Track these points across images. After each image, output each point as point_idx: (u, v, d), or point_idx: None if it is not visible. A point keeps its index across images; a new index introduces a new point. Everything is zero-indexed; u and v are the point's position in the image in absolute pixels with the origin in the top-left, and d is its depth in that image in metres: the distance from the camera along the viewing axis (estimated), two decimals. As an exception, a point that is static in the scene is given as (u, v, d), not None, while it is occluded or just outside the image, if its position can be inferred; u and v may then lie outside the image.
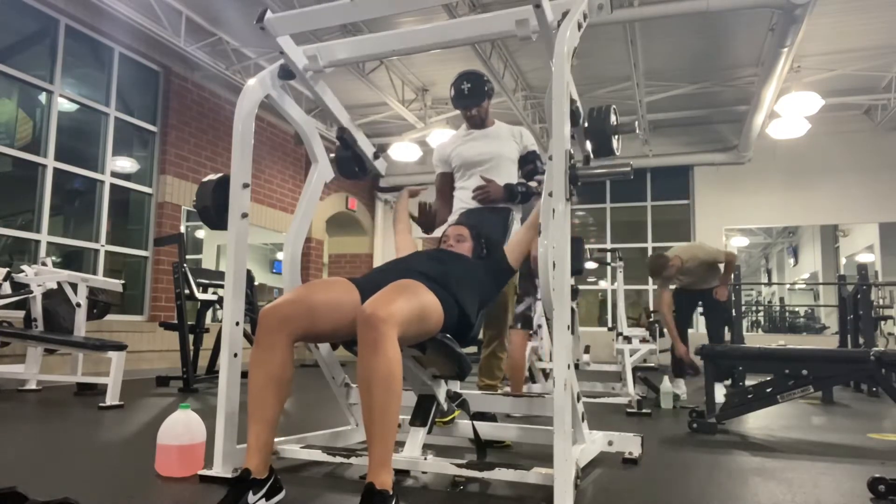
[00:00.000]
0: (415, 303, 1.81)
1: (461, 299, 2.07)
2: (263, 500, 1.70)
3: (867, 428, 3.48)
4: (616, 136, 2.13)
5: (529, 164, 3.04)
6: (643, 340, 5.23)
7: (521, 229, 2.46)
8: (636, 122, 2.27)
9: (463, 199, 3.04)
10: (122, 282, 5.32)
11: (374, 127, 10.38)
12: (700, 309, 5.18)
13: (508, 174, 3.02)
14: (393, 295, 1.76)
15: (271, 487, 1.73)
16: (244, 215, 2.17)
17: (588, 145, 2.14)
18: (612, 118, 2.07)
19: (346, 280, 2.03)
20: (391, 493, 1.57)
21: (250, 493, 1.67)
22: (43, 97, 6.34)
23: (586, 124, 2.10)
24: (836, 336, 6.72)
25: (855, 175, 9.63)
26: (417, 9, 2.36)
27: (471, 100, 2.98)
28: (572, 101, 1.85)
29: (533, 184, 2.98)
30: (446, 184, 3.15)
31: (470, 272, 2.21)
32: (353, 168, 2.56)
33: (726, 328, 5.49)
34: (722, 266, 4.93)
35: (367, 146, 2.56)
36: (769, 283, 15.85)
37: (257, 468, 1.72)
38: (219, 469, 2.00)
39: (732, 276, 5.25)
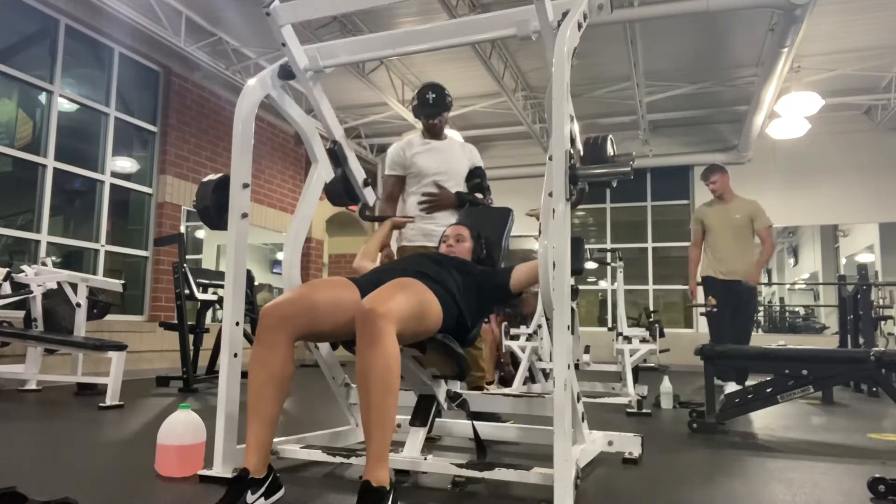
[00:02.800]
0: (414, 300, 1.81)
1: (460, 301, 2.07)
2: (262, 499, 1.70)
3: (867, 428, 3.48)
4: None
5: (476, 178, 3.32)
6: (643, 340, 5.23)
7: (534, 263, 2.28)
8: (631, 162, 2.26)
9: (418, 204, 3.26)
10: (122, 282, 5.32)
11: (374, 127, 10.38)
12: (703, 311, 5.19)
13: (458, 186, 3.30)
14: (392, 291, 1.77)
15: (270, 486, 1.73)
16: (244, 215, 2.17)
17: None
18: (609, 149, 2.03)
19: (346, 279, 2.03)
20: (388, 489, 1.56)
21: (248, 492, 1.67)
22: (43, 97, 6.34)
23: (581, 154, 2.09)
24: (836, 336, 6.71)
25: (855, 175, 9.63)
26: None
27: (435, 109, 3.23)
28: (572, 141, 1.83)
29: (480, 196, 3.30)
30: (398, 187, 3.35)
31: (470, 276, 2.20)
32: (342, 191, 2.52)
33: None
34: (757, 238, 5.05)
35: (358, 171, 2.52)
36: (769, 283, 15.81)
37: (256, 467, 1.72)
38: (219, 469, 2.00)
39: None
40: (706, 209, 5.31)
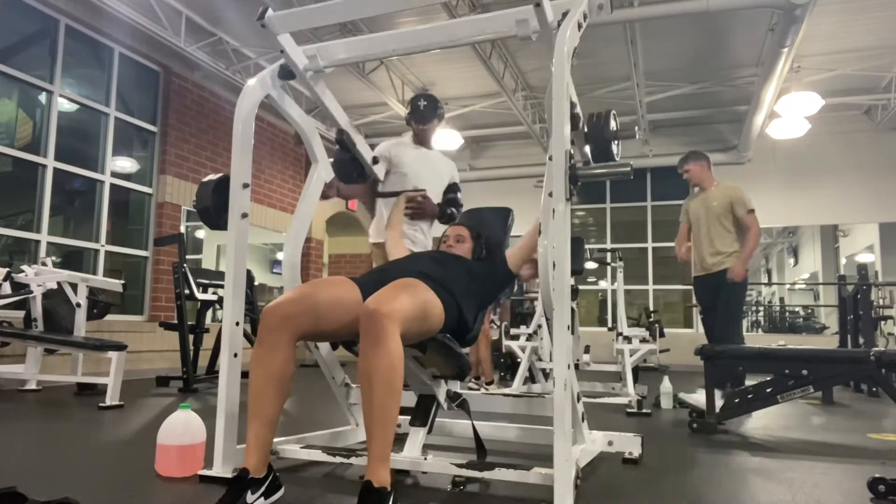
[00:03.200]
0: (417, 300, 1.81)
1: (461, 301, 2.07)
2: (262, 498, 1.70)
3: (867, 428, 3.48)
4: (616, 142, 2.13)
5: (452, 193, 3.52)
6: (643, 340, 5.24)
7: (525, 236, 2.41)
8: (636, 128, 2.33)
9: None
10: (122, 282, 5.32)
11: (374, 127, 10.37)
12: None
13: (437, 196, 3.49)
14: (396, 292, 1.77)
15: (270, 486, 1.73)
16: (244, 215, 2.17)
17: (587, 150, 2.15)
18: (612, 124, 2.07)
19: (347, 279, 2.03)
20: (389, 489, 1.56)
21: (248, 492, 1.67)
22: (43, 97, 6.34)
23: (586, 129, 2.11)
24: (836, 336, 6.71)
25: (855, 175, 9.63)
26: (415, 7, 2.38)
27: (425, 114, 3.45)
28: (572, 105, 1.85)
29: (454, 210, 3.48)
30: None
31: (470, 275, 2.21)
32: (352, 172, 2.56)
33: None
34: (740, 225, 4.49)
35: (365, 150, 2.56)
36: (769, 283, 15.82)
37: (255, 467, 1.72)
38: (219, 469, 2.00)
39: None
40: (688, 202, 4.88)
